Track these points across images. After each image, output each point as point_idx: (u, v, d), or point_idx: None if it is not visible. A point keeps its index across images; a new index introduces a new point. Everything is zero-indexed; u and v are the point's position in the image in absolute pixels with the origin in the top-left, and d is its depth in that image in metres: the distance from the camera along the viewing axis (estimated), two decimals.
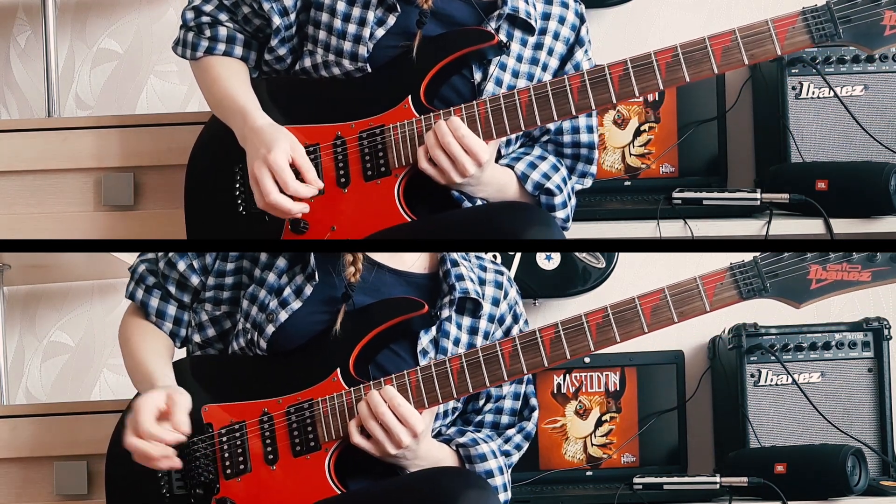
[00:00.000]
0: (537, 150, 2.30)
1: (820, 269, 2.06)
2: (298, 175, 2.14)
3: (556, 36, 2.28)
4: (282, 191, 2.13)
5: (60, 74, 2.94)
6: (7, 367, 2.90)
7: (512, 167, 2.25)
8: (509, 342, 2.10)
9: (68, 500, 2.53)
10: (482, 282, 2.23)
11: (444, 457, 2.16)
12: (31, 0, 3.02)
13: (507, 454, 2.22)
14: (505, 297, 2.25)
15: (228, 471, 2.13)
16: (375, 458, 2.10)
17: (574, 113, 2.15)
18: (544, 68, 2.27)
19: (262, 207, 2.15)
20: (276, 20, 2.24)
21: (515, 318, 2.27)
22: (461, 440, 2.18)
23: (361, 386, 2.10)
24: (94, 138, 2.59)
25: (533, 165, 2.26)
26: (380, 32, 2.20)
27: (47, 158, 2.60)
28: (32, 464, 2.53)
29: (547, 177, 2.26)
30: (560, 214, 2.27)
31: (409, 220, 2.17)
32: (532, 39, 2.26)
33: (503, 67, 2.22)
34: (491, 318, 2.23)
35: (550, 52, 2.28)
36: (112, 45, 3.03)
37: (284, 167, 2.12)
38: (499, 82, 2.22)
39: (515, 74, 2.24)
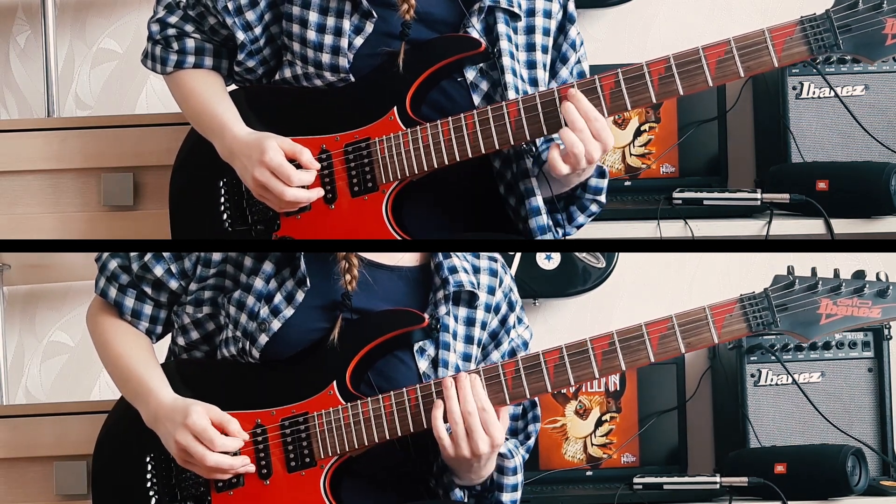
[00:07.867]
0: None
1: (830, 303, 2.01)
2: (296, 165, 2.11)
3: (546, 14, 2.21)
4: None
5: (60, 74, 2.94)
6: (7, 366, 2.90)
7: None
8: (511, 365, 2.04)
9: (68, 500, 2.53)
10: (476, 270, 2.18)
11: (491, 468, 2.09)
12: (31, 0, 3.02)
13: (523, 458, 2.17)
14: (500, 284, 2.19)
15: (220, 483, 2.07)
16: (373, 474, 2.07)
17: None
18: (544, 50, 2.21)
19: (282, 210, 2.13)
20: (241, 35, 2.19)
21: (511, 307, 2.21)
22: (501, 449, 2.09)
23: (359, 402, 2.05)
24: (94, 138, 2.59)
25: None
26: (358, 41, 2.14)
27: (47, 158, 2.59)
28: (32, 464, 2.52)
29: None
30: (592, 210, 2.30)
31: (398, 237, 2.12)
32: (521, 24, 2.19)
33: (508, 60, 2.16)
34: (487, 308, 2.17)
35: (546, 33, 2.21)
36: (112, 44, 3.03)
37: (283, 162, 2.09)
38: (513, 72, 2.16)
39: (518, 61, 2.17)
